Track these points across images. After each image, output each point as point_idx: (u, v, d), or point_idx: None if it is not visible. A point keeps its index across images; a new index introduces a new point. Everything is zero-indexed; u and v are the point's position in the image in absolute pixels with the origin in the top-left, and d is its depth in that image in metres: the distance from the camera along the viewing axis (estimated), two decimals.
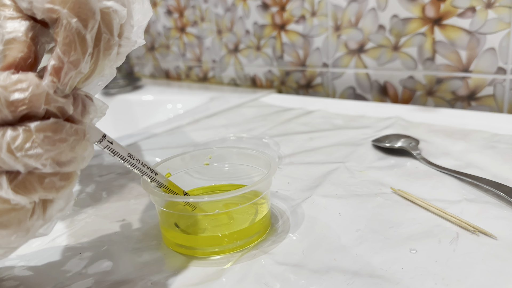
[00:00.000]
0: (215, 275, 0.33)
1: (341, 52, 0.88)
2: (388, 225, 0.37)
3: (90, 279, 0.33)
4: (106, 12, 0.26)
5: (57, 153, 0.24)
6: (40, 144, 0.24)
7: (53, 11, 0.24)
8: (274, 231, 0.38)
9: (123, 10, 0.27)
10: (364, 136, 0.62)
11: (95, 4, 0.25)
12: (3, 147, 0.23)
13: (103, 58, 0.27)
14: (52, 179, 0.25)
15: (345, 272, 0.31)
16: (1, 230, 0.24)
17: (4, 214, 0.24)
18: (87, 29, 0.25)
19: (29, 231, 0.26)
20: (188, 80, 1.28)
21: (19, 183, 0.24)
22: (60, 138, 0.24)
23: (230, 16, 1.07)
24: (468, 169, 0.47)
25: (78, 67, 0.25)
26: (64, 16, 0.24)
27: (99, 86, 0.31)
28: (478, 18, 0.69)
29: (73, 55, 0.24)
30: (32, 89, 0.23)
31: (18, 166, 0.24)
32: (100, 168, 0.58)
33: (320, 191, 0.45)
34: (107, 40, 0.26)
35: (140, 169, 0.33)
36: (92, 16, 0.25)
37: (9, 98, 0.23)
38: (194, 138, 0.70)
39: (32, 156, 0.23)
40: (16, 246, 0.27)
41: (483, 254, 0.32)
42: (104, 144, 0.30)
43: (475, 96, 0.73)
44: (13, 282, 0.34)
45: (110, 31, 0.26)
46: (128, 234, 0.40)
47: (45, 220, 0.27)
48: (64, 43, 0.24)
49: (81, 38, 0.25)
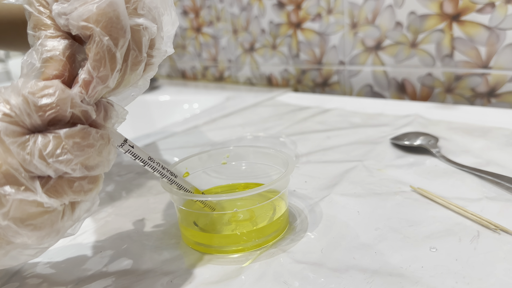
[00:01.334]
0: (234, 273, 0.33)
1: (358, 49, 0.88)
2: (407, 224, 0.37)
3: (111, 277, 0.34)
4: (137, 29, 0.28)
5: (85, 158, 0.26)
6: (70, 150, 0.25)
7: (87, 29, 0.26)
8: (292, 230, 0.38)
9: (153, 27, 0.29)
10: (383, 134, 0.61)
11: (126, 23, 0.26)
12: (35, 153, 0.24)
13: (130, 73, 0.28)
14: (81, 182, 0.26)
15: (365, 270, 0.31)
16: (35, 232, 0.25)
17: (39, 217, 0.25)
18: (118, 47, 0.26)
19: (60, 232, 0.27)
20: (204, 80, 1.29)
21: (50, 188, 0.25)
22: (88, 143, 0.25)
23: (246, 16, 1.07)
24: (489, 167, 0.46)
25: (106, 83, 0.26)
26: (97, 34, 0.26)
27: (132, 96, 0.32)
28: (497, 14, 0.68)
29: (102, 71, 0.26)
30: (58, 94, 0.24)
31: (49, 171, 0.25)
32: (119, 167, 0.59)
33: (338, 190, 0.45)
34: (135, 56, 0.28)
35: (161, 172, 0.34)
36: (123, 35, 0.26)
37: (37, 103, 0.24)
38: (211, 138, 0.70)
39: (62, 162, 0.25)
40: (47, 246, 0.28)
41: (505, 252, 0.32)
42: (126, 148, 0.31)
43: (495, 93, 0.72)
44: (37, 280, 0.35)
45: (138, 48, 0.28)
46: (148, 233, 0.40)
47: (73, 221, 0.28)
48: (95, 59, 0.26)
49: (111, 55, 0.26)
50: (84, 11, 0.26)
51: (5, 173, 0.24)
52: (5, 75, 1.72)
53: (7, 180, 0.24)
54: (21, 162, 0.24)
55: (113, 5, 0.26)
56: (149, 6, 0.28)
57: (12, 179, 0.24)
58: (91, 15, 0.25)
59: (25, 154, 0.24)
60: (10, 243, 0.26)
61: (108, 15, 0.26)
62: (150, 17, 0.28)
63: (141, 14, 0.28)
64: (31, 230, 0.25)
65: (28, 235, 0.25)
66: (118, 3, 0.26)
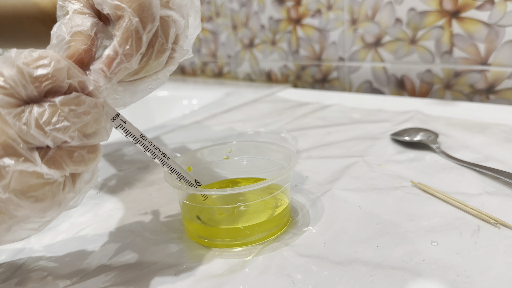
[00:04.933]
0: (238, 266, 0.33)
1: (358, 46, 0.88)
2: (408, 218, 0.37)
3: (114, 270, 0.34)
4: (166, 20, 0.29)
5: (82, 125, 0.26)
6: (66, 117, 0.25)
7: (119, 8, 0.27)
8: (294, 224, 0.38)
9: (182, 21, 0.30)
10: (383, 130, 0.61)
11: (157, 11, 0.28)
12: (32, 123, 0.24)
13: (154, 59, 0.30)
14: (81, 152, 0.26)
15: (367, 264, 0.32)
16: (37, 204, 0.26)
17: (39, 188, 0.25)
18: (145, 30, 0.28)
19: (61, 204, 0.27)
20: (203, 75, 1.29)
21: (50, 158, 0.25)
22: (84, 110, 0.26)
23: (245, 11, 1.07)
24: (488, 162, 0.47)
25: (130, 61, 0.28)
26: (128, 14, 0.27)
27: (149, 89, 0.33)
28: (497, 11, 0.68)
29: (128, 49, 0.27)
30: (54, 64, 0.25)
31: (47, 140, 0.25)
32: (120, 162, 0.59)
33: (339, 185, 0.45)
34: (161, 44, 0.29)
35: (152, 151, 0.34)
36: (152, 20, 0.28)
37: (33, 74, 0.24)
38: (211, 133, 0.70)
39: (60, 129, 0.25)
40: (50, 219, 0.29)
41: (505, 246, 0.32)
42: (117, 123, 0.31)
43: (494, 89, 0.73)
44: (41, 273, 0.35)
45: (166, 37, 0.30)
46: (151, 227, 0.41)
47: (75, 193, 0.28)
48: (122, 38, 0.27)
49: (138, 36, 0.28)
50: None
51: (3, 144, 0.24)
52: None
53: (5, 152, 0.24)
54: (19, 133, 0.24)
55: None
56: (180, 3, 0.30)
57: (10, 150, 0.24)
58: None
59: (21, 125, 0.24)
60: (13, 217, 0.26)
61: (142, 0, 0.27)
62: (179, 13, 0.30)
63: (172, 8, 0.30)
64: (32, 202, 0.25)
65: (30, 208, 0.25)
66: None
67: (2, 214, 0.25)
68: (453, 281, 0.29)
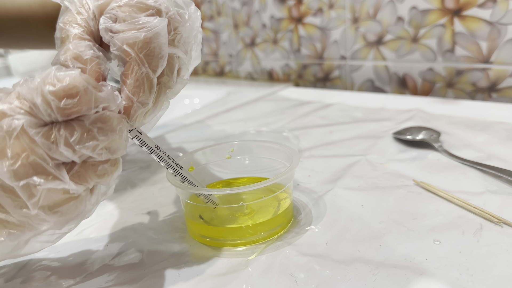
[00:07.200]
0: (241, 265, 0.33)
1: (359, 44, 0.88)
2: (411, 217, 0.37)
3: (117, 270, 0.34)
4: (172, 57, 0.30)
5: (110, 141, 0.26)
6: (95, 135, 0.25)
7: (128, 54, 0.28)
8: (297, 223, 0.38)
9: (185, 58, 0.31)
10: (385, 129, 0.61)
11: (166, 53, 0.29)
12: (61, 142, 0.24)
13: (163, 95, 0.30)
14: (104, 166, 0.27)
15: (370, 262, 0.32)
16: (60, 217, 0.26)
17: (65, 203, 0.26)
18: (155, 74, 0.28)
19: (80, 216, 0.28)
20: (205, 75, 1.29)
21: (75, 173, 0.26)
22: (110, 128, 0.26)
23: (247, 10, 1.07)
24: (490, 161, 0.47)
25: (146, 106, 0.28)
26: (137, 61, 0.28)
27: (156, 117, 0.34)
28: (499, 9, 0.68)
29: (142, 96, 0.28)
30: (81, 95, 0.25)
31: (75, 157, 0.25)
32: (123, 162, 0.59)
33: (341, 184, 0.45)
34: (168, 81, 0.30)
35: (166, 161, 0.34)
36: (161, 64, 0.28)
37: (59, 105, 0.24)
38: (213, 133, 0.70)
39: (89, 148, 0.25)
40: (67, 231, 0.29)
41: (507, 244, 0.32)
42: (133, 134, 0.31)
43: (496, 88, 0.73)
44: (45, 273, 0.35)
45: (171, 73, 0.30)
46: (154, 226, 0.41)
47: (92, 205, 0.29)
48: (134, 86, 0.28)
49: (150, 81, 0.28)
50: (131, 36, 0.27)
51: (32, 164, 0.24)
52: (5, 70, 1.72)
53: (35, 171, 0.24)
54: (47, 151, 0.24)
55: (158, 36, 0.28)
56: (185, 40, 0.31)
57: (40, 169, 0.24)
58: (136, 42, 0.27)
59: (50, 144, 0.24)
60: (33, 230, 0.26)
61: (151, 45, 0.28)
62: (183, 50, 0.31)
63: (177, 45, 0.30)
64: (58, 217, 0.26)
65: (54, 222, 0.26)
66: (162, 34, 0.28)
67: (21, 227, 0.26)
68: (455, 279, 0.29)
